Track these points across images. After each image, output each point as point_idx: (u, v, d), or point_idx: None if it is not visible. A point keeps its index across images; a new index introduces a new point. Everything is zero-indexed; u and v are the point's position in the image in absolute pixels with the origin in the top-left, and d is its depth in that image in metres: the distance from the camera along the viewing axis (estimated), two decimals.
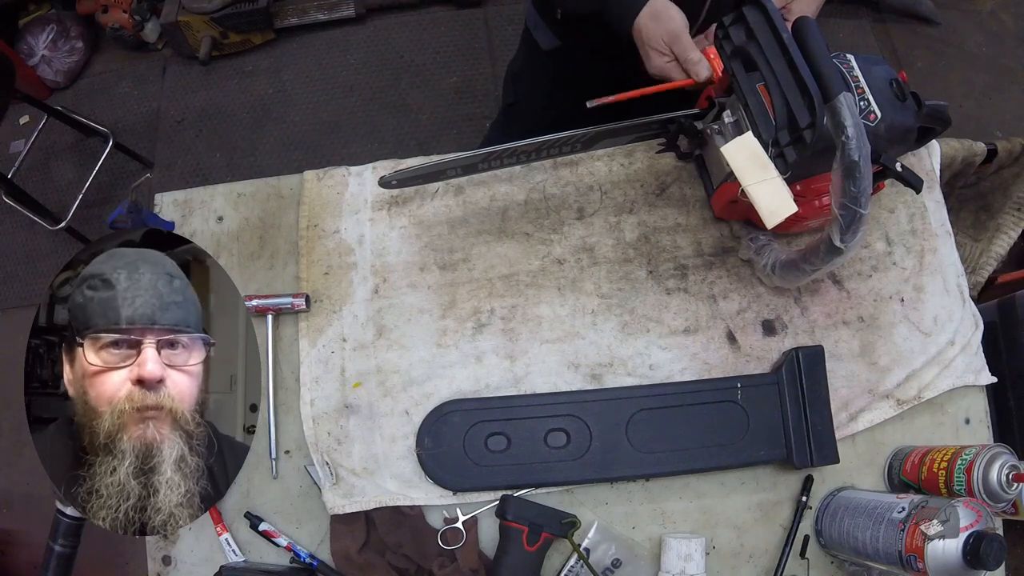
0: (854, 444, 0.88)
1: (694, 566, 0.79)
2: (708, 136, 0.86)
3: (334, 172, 0.98)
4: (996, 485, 0.74)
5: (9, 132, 2.33)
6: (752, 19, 0.74)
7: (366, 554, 0.85)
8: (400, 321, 0.91)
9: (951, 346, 0.90)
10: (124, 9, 2.31)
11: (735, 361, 0.89)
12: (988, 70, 2.28)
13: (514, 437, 0.84)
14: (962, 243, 1.11)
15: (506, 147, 0.85)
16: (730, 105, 0.82)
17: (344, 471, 0.85)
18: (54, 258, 2.20)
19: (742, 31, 0.75)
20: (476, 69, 2.29)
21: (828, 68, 0.68)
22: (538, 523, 0.80)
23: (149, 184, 1.02)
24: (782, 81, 0.72)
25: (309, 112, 2.27)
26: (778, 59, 0.72)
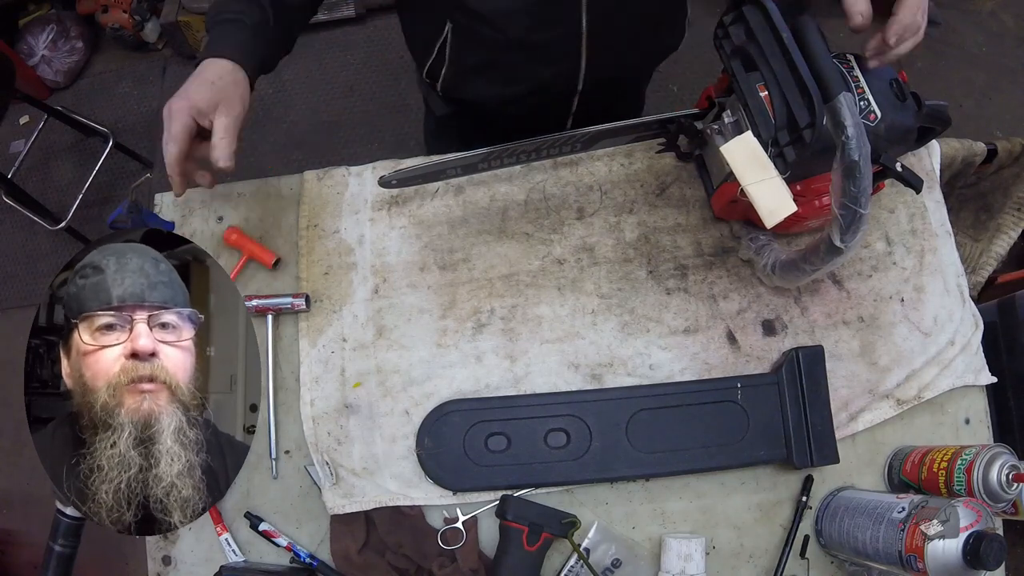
0: (854, 444, 0.88)
1: (694, 566, 0.79)
2: (708, 136, 0.86)
3: (334, 172, 0.98)
4: (996, 485, 0.74)
5: (9, 132, 2.34)
6: (752, 19, 0.74)
7: (366, 554, 0.85)
8: (400, 321, 0.91)
9: (951, 346, 0.90)
10: (124, 9, 2.31)
11: (735, 361, 0.89)
12: (988, 70, 2.28)
13: (514, 437, 0.84)
14: (962, 243, 1.11)
15: (506, 147, 0.86)
16: (730, 105, 0.82)
17: (344, 471, 0.85)
18: (54, 258, 2.20)
19: (742, 31, 0.75)
20: None
21: (828, 68, 0.68)
22: (538, 523, 0.80)
23: (149, 184, 1.02)
24: (782, 81, 0.72)
25: (309, 112, 2.27)
26: (778, 59, 0.72)
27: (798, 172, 0.76)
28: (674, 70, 2.24)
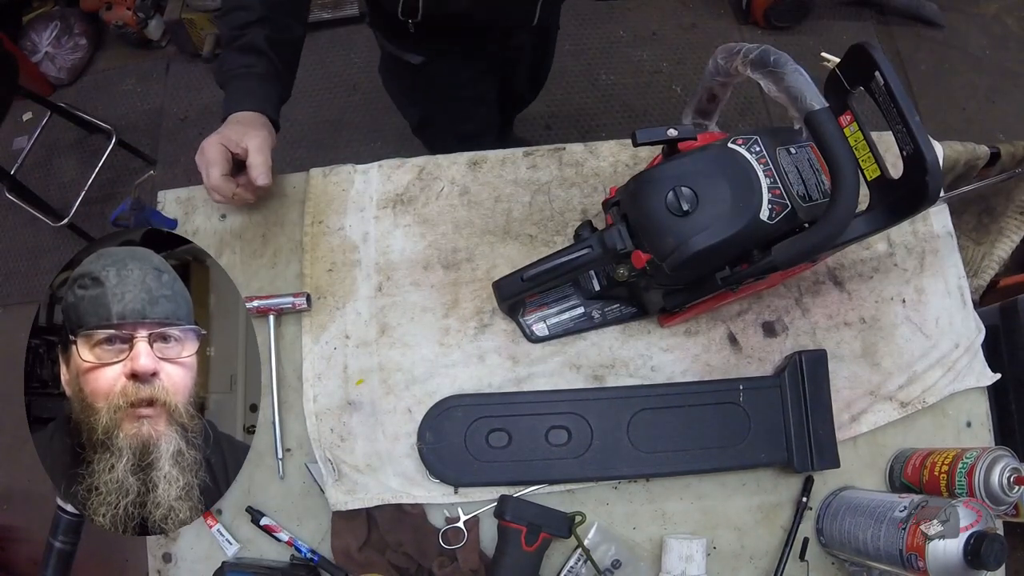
0: (855, 447, 0.88)
1: (695, 567, 0.79)
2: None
3: (340, 169, 0.99)
4: (998, 488, 0.74)
5: (12, 128, 2.34)
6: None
7: (367, 552, 0.85)
8: (403, 319, 0.91)
9: (953, 349, 0.90)
10: (128, 6, 2.31)
11: (736, 363, 0.89)
12: (991, 73, 2.28)
13: (515, 433, 0.84)
14: (964, 246, 1.11)
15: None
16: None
17: (347, 467, 0.85)
18: (56, 255, 2.20)
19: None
20: None
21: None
22: (536, 523, 0.80)
23: (152, 181, 1.02)
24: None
25: (312, 110, 2.27)
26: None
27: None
28: (677, 71, 2.24)
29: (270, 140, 0.88)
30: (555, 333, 0.89)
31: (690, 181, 0.70)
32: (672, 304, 0.83)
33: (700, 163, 0.71)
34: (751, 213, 0.68)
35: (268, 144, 0.87)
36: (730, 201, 0.69)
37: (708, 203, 0.69)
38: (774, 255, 0.68)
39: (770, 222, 0.68)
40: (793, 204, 0.69)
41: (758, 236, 0.69)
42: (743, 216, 0.68)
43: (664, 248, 0.70)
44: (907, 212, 0.68)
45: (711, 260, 0.71)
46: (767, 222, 0.68)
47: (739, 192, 0.69)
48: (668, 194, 0.70)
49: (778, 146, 0.71)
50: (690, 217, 0.69)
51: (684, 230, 0.69)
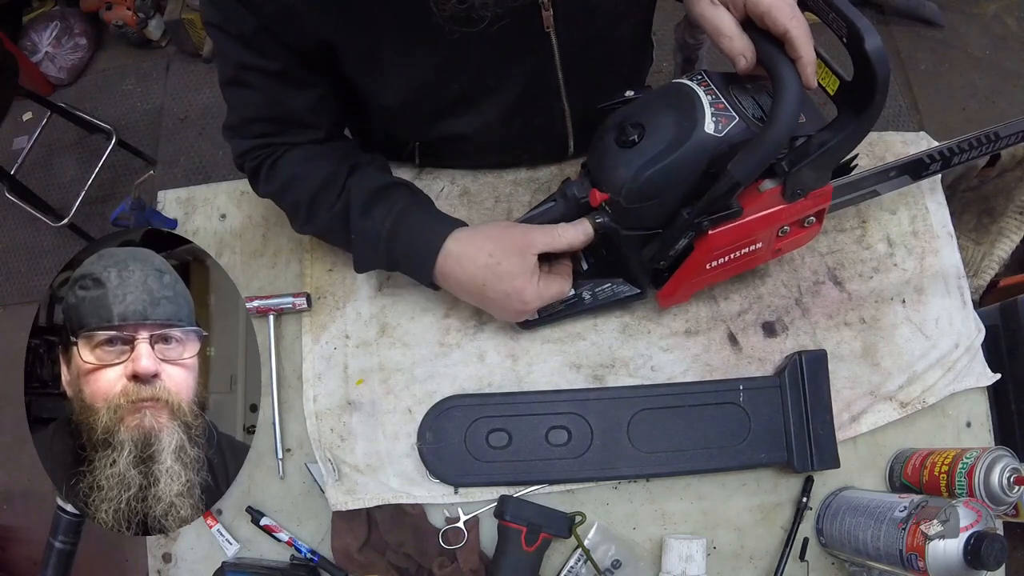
0: (855, 447, 0.88)
1: (695, 567, 0.79)
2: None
3: None
4: (998, 488, 0.74)
5: (12, 128, 2.34)
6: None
7: (366, 552, 0.85)
8: (403, 319, 0.91)
9: (953, 349, 0.90)
10: (128, 6, 2.31)
11: (737, 363, 0.89)
12: (991, 73, 2.28)
13: (515, 433, 0.84)
14: (964, 246, 1.11)
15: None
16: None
17: (347, 467, 0.85)
18: (56, 255, 2.20)
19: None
20: None
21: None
22: (536, 523, 0.80)
23: (152, 181, 1.02)
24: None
25: None
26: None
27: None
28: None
29: (545, 229, 0.78)
30: (544, 315, 0.88)
31: (636, 116, 0.72)
32: (651, 257, 0.80)
33: (647, 101, 0.74)
34: (693, 126, 0.69)
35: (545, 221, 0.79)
36: (673, 124, 0.70)
37: (654, 131, 0.71)
38: (731, 169, 0.67)
39: (718, 134, 0.69)
40: (741, 116, 0.69)
41: (710, 152, 0.69)
42: (687, 131, 0.69)
43: (616, 180, 0.72)
44: (867, 101, 0.67)
45: (668, 189, 0.72)
46: (714, 134, 0.69)
47: (682, 114, 0.70)
48: (615, 131, 0.73)
49: (731, 83, 0.72)
50: (637, 147, 0.71)
51: (633, 159, 0.71)
